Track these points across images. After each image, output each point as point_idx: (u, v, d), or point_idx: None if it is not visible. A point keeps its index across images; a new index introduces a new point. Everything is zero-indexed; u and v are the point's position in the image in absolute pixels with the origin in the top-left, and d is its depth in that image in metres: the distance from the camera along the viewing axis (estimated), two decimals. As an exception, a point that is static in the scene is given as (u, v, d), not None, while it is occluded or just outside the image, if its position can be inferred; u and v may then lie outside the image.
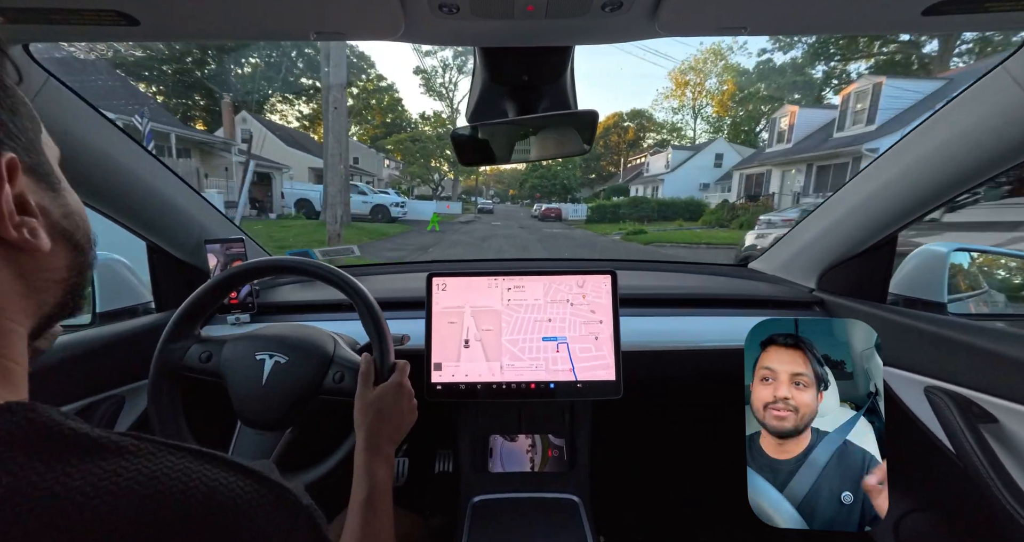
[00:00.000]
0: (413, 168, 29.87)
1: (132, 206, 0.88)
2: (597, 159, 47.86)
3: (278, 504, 0.30)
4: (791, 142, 16.47)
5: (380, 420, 0.63)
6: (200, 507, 0.25)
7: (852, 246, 1.01)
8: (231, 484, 0.28)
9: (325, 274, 0.74)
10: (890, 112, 12.42)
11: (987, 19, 0.52)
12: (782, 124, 17.35)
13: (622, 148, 46.52)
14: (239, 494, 0.28)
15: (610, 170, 48.18)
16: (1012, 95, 0.64)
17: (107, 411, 0.81)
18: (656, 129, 45.96)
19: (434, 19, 0.52)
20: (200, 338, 0.76)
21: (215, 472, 0.28)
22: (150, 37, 0.57)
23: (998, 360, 0.72)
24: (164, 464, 0.26)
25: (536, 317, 0.90)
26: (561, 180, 36.07)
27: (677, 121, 44.52)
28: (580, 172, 41.72)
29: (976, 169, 0.75)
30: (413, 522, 0.89)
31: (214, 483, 0.27)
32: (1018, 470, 0.70)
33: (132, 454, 0.26)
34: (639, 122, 46.96)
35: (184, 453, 0.28)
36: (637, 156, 38.38)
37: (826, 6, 0.50)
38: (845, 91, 14.19)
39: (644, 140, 46.64)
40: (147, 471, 0.25)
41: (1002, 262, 1.04)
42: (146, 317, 0.98)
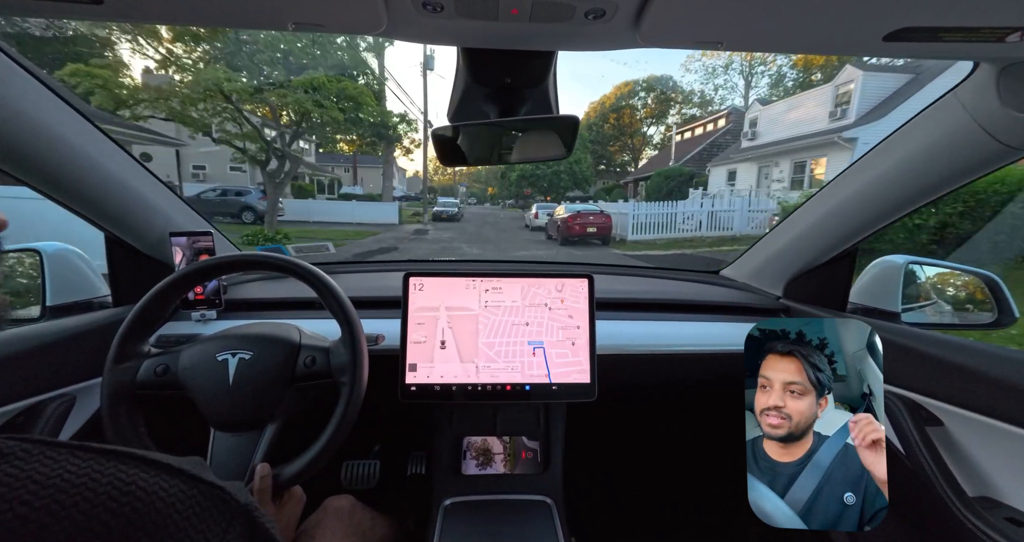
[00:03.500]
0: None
1: (89, 194, 0.83)
2: (605, 143, 36.30)
3: (209, 505, 0.27)
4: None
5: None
6: (111, 514, 0.22)
7: (815, 257, 1.06)
8: (151, 485, 0.25)
9: (294, 269, 0.72)
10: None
11: (941, 48, 0.56)
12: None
13: (634, 129, 36.25)
14: (160, 496, 0.24)
15: (623, 158, 37.84)
16: (961, 120, 0.68)
17: (56, 410, 0.77)
18: (685, 101, 36.23)
19: (418, 16, 0.52)
20: (150, 354, 0.72)
21: (130, 472, 0.24)
22: (113, 17, 0.54)
23: (944, 366, 0.77)
24: (63, 467, 0.22)
25: (513, 320, 0.90)
26: (568, 170, 25.75)
27: (712, 89, 35.68)
28: (591, 158, 31.69)
29: (928, 188, 0.80)
30: (386, 525, 0.87)
31: (128, 486, 0.24)
32: (960, 470, 0.75)
33: (20, 459, 0.22)
34: (659, 92, 36.28)
35: (91, 454, 0.24)
36: (698, 123, 26.75)
37: (796, 30, 0.52)
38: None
39: (667, 115, 36.46)
40: (38, 477, 0.21)
41: (949, 276, 1.11)
42: (101, 312, 0.93)
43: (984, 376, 0.71)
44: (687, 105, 36.51)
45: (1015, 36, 0.51)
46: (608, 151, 36.79)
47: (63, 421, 0.78)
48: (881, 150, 0.84)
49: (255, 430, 0.70)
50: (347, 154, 29.61)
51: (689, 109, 36.24)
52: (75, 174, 0.78)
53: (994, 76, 0.62)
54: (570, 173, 26.27)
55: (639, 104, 36.96)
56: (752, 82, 32.98)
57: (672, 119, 36.31)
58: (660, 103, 36.59)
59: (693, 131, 26.67)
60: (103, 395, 0.67)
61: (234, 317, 1.01)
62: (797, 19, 0.50)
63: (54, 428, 0.75)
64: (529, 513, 0.93)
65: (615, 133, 36.59)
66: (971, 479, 0.74)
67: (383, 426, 1.25)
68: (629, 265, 1.49)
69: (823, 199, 0.99)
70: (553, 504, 0.95)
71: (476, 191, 61.61)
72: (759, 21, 0.50)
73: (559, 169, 25.33)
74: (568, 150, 0.74)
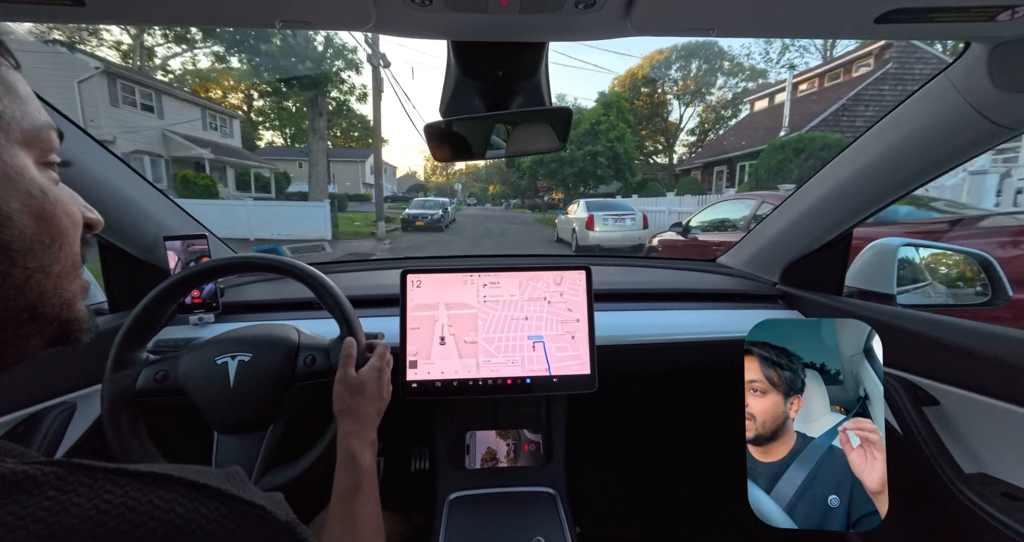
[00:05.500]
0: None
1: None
2: (635, 125, 26.43)
3: (250, 527, 0.26)
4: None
5: (364, 400, 0.62)
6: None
7: (811, 242, 1.07)
8: (189, 510, 0.24)
9: (291, 270, 0.72)
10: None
11: (932, 29, 0.55)
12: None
13: (667, 111, 27.77)
14: (199, 522, 0.23)
15: (656, 144, 29.35)
16: (953, 101, 0.68)
17: (57, 419, 0.76)
18: (732, 72, 27.57)
19: (407, 11, 0.51)
20: (149, 361, 0.71)
21: (168, 498, 0.23)
22: (98, 19, 0.53)
23: (939, 346, 0.78)
24: (101, 497, 0.21)
25: (512, 315, 0.90)
26: (608, 151, 17.19)
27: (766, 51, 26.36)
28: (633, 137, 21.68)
29: (922, 170, 0.80)
30: (391, 521, 0.88)
31: (167, 513, 0.23)
32: (956, 448, 0.77)
33: (56, 489, 0.21)
34: (703, 60, 27.53)
35: (126, 478, 0.23)
36: (813, 73, 17.56)
37: (787, 14, 0.52)
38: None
39: (711, 90, 27.78)
40: (76, 511, 0.20)
41: (942, 257, 1.12)
42: (98, 319, 0.93)
43: (978, 355, 0.72)
44: (735, 76, 27.65)
45: (1005, 15, 0.51)
46: (639, 135, 27.65)
47: (64, 429, 0.78)
48: (874, 133, 0.85)
49: (258, 431, 0.70)
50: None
51: (737, 80, 27.62)
52: (64, 179, 0.77)
53: (985, 56, 0.62)
54: (611, 155, 17.31)
55: (678, 75, 28.26)
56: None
57: (715, 95, 28.09)
58: (706, 73, 28.00)
59: (795, 89, 16.29)
60: (103, 404, 0.66)
61: (232, 320, 1.01)
62: (788, 2, 0.49)
63: (55, 437, 0.75)
64: (533, 505, 0.93)
65: (648, 113, 27.91)
66: (967, 456, 0.75)
67: (385, 423, 1.25)
68: (626, 256, 1.50)
69: (818, 184, 0.99)
70: (557, 495, 0.96)
71: (476, 190, 57.62)
72: (750, 5, 0.50)
73: (596, 149, 16.97)
74: (562, 141, 0.74)
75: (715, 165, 18.02)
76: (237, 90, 17.58)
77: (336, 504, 0.54)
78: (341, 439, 0.59)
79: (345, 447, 0.58)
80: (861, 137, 0.87)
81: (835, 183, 0.94)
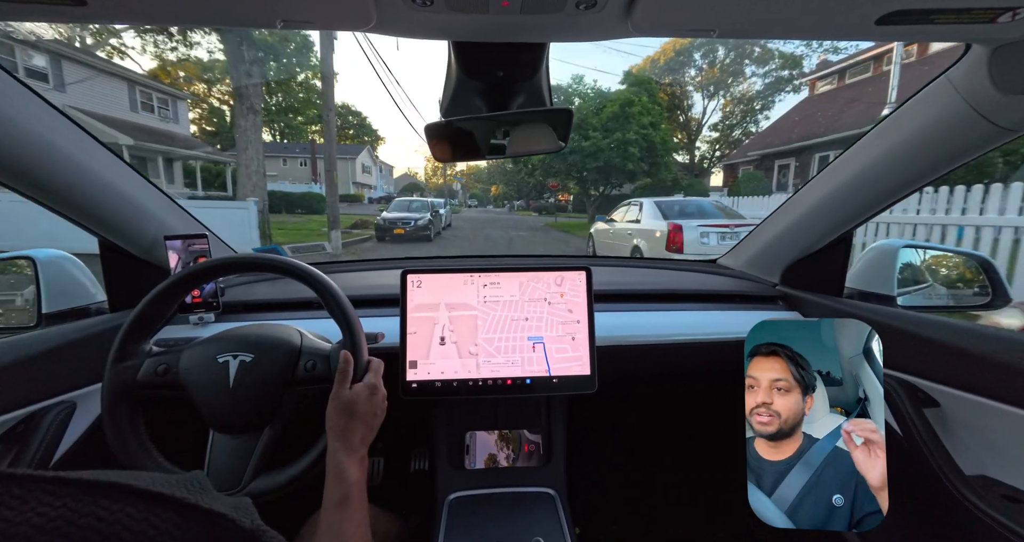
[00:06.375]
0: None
1: (80, 200, 0.82)
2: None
3: (211, 537, 0.24)
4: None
5: (355, 422, 0.62)
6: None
7: (811, 243, 1.07)
8: (138, 523, 0.21)
9: (292, 270, 0.71)
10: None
11: (933, 31, 0.55)
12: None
13: (684, 102, 23.51)
14: (153, 536, 0.21)
15: (684, 138, 24.20)
16: (953, 103, 0.68)
17: (56, 418, 0.76)
18: (760, 59, 21.97)
19: (408, 11, 0.51)
20: (152, 353, 0.72)
21: (114, 509, 0.21)
22: (99, 19, 0.53)
23: (940, 348, 0.78)
24: (35, 511, 0.19)
25: (513, 316, 0.90)
26: (643, 140, 13.92)
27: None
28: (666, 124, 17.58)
29: (923, 171, 0.80)
30: (390, 522, 0.88)
31: (112, 526, 0.20)
32: (957, 450, 0.76)
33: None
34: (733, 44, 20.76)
35: (68, 488, 0.20)
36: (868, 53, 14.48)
37: (788, 15, 0.52)
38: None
39: (740, 77, 22.65)
40: (4, 527, 0.18)
41: (943, 258, 1.12)
42: (99, 318, 0.92)
43: (979, 357, 0.72)
44: (763, 64, 22.65)
45: (1006, 17, 0.51)
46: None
47: (64, 428, 0.78)
48: (875, 135, 0.85)
49: (254, 432, 0.70)
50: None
51: (768, 69, 22.50)
52: (65, 179, 0.77)
53: (986, 57, 0.62)
54: (645, 145, 13.86)
55: (704, 63, 23.65)
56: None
57: (742, 85, 23.27)
58: (735, 59, 22.81)
59: (876, 64, 13.49)
60: (104, 394, 0.67)
61: (232, 319, 1.00)
62: (789, 4, 0.49)
63: (55, 436, 0.75)
64: (533, 505, 0.93)
65: (670, 104, 23.31)
66: (968, 458, 0.75)
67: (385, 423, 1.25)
68: (626, 257, 1.50)
69: (818, 185, 0.99)
70: (557, 495, 0.96)
71: (477, 191, 55.63)
72: (750, 7, 0.50)
73: (628, 137, 13.55)
74: (564, 142, 0.74)
75: (776, 158, 14.92)
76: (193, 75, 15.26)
77: (325, 515, 0.55)
78: (330, 455, 0.60)
79: (334, 463, 0.58)
80: (861, 140, 0.87)
81: (836, 184, 0.94)
